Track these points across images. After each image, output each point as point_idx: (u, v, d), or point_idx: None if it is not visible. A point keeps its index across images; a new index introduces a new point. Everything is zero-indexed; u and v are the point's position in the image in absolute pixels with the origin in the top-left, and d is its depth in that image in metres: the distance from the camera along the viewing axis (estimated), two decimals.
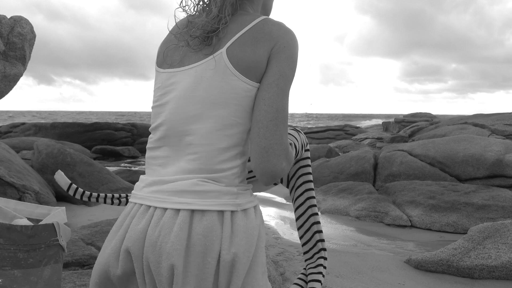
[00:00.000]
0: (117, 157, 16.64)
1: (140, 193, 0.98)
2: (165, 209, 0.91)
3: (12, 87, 5.14)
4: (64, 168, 7.11)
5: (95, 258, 3.15)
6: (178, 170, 0.94)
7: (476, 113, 13.92)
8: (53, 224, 0.94)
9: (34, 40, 5.41)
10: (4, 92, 5.06)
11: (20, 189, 5.50)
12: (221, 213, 0.90)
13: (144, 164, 15.73)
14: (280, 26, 0.96)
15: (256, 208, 0.98)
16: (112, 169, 10.27)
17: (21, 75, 5.20)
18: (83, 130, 19.24)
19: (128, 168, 12.44)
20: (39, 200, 5.61)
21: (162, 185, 0.94)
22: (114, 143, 18.86)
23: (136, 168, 12.41)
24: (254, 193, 1.05)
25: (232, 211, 0.91)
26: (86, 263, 3.10)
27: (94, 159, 13.60)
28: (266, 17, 0.98)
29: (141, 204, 0.96)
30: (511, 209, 5.44)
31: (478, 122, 11.55)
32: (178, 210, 0.90)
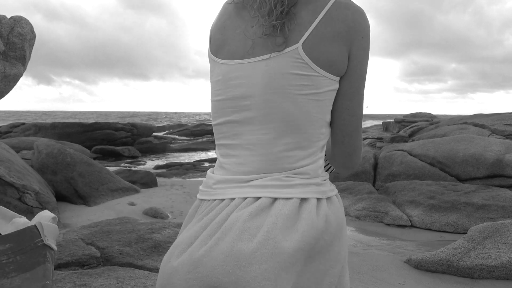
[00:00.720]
0: (117, 157, 16.64)
1: (215, 188, 0.93)
2: (245, 198, 0.87)
3: (12, 87, 5.14)
4: (64, 168, 7.11)
5: (95, 258, 3.15)
6: (258, 168, 0.89)
7: (476, 113, 13.92)
8: (35, 225, 0.93)
9: (34, 40, 5.41)
10: (4, 92, 5.06)
11: (20, 189, 5.50)
12: (304, 200, 0.86)
13: (144, 164, 15.73)
14: (354, 9, 0.87)
15: (337, 196, 0.96)
16: (112, 169, 10.28)
17: (21, 75, 5.20)
18: (83, 130, 19.24)
19: (128, 168, 12.44)
20: (39, 200, 5.61)
21: (241, 183, 0.90)
22: (114, 143, 18.87)
23: (136, 168, 12.42)
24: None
25: (318, 198, 0.88)
26: (86, 263, 3.10)
27: (94, 159, 13.60)
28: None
29: (216, 199, 0.90)
30: (511, 209, 5.44)
31: (478, 122, 11.55)
32: (258, 198, 0.86)
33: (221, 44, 0.94)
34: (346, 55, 0.86)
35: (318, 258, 0.86)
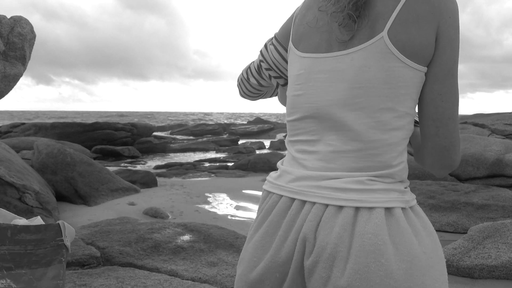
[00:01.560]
0: (117, 157, 16.64)
1: (289, 185, 0.87)
2: (326, 205, 0.81)
3: (12, 87, 5.14)
4: (64, 168, 7.11)
5: (95, 258, 3.15)
6: (340, 166, 0.84)
7: (476, 113, 13.92)
8: (58, 224, 0.95)
9: (34, 40, 5.41)
10: (4, 92, 5.06)
11: (20, 189, 5.50)
12: (388, 210, 0.80)
13: (144, 164, 15.73)
14: None
15: (417, 205, 0.87)
16: (112, 169, 10.28)
17: (21, 75, 5.21)
18: (83, 130, 19.24)
19: (128, 168, 12.44)
20: (39, 200, 5.61)
21: (320, 180, 0.84)
22: (114, 143, 18.87)
23: (136, 168, 12.42)
24: None
25: (402, 208, 0.81)
26: (86, 263, 3.10)
27: (94, 159, 13.60)
28: None
29: (293, 198, 0.86)
30: (511, 209, 5.44)
31: (478, 122, 11.55)
32: (341, 207, 0.80)
33: (302, 36, 0.91)
34: (434, 38, 0.80)
35: None
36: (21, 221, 0.96)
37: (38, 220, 0.97)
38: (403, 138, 0.84)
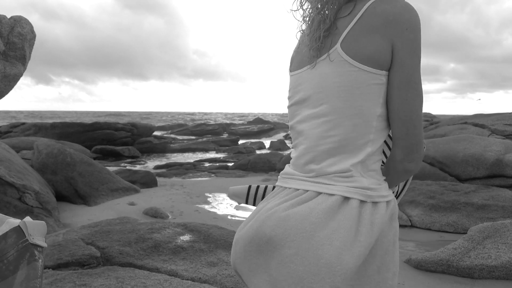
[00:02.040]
0: (117, 157, 16.64)
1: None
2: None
3: (12, 87, 5.14)
4: (64, 168, 7.11)
5: (95, 258, 3.15)
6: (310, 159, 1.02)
7: (476, 113, 13.92)
8: (19, 226, 0.91)
9: (34, 40, 5.41)
10: (4, 92, 5.06)
11: (20, 189, 5.50)
12: (346, 200, 0.92)
13: (144, 164, 15.71)
14: (393, 4, 0.91)
15: (388, 203, 0.95)
16: (112, 169, 10.28)
17: (21, 75, 5.21)
18: (83, 130, 19.24)
19: (128, 168, 12.44)
20: (39, 200, 5.61)
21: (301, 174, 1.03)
22: (114, 143, 18.87)
23: (136, 168, 12.42)
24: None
25: (361, 201, 0.92)
26: (86, 263, 3.10)
27: (94, 159, 13.60)
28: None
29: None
30: (511, 209, 5.44)
31: (478, 122, 11.55)
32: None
33: (292, 60, 1.12)
34: (388, 47, 0.91)
35: None
36: (16, 220, 0.94)
37: (10, 224, 0.93)
38: (364, 133, 0.95)
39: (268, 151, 17.11)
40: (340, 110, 0.94)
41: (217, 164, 14.12)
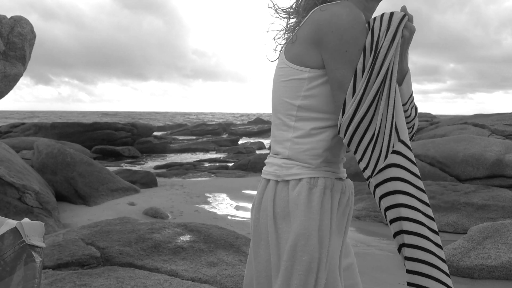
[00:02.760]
0: (117, 157, 16.64)
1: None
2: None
3: (12, 87, 5.14)
4: (64, 168, 7.11)
5: (95, 258, 3.15)
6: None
7: (476, 113, 13.92)
8: (15, 227, 0.91)
9: (34, 40, 5.41)
10: (4, 92, 5.06)
11: (20, 189, 5.50)
12: (267, 181, 1.10)
13: (144, 164, 15.72)
14: (328, 11, 1.01)
15: (301, 181, 1.04)
16: (112, 169, 10.28)
17: (21, 75, 5.21)
18: (83, 130, 19.24)
19: (128, 168, 12.44)
20: (39, 200, 5.61)
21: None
22: (114, 143, 18.86)
23: (136, 168, 12.42)
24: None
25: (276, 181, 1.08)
26: (86, 263, 3.10)
27: (94, 159, 13.59)
28: (324, 4, 1.05)
29: None
30: (511, 209, 5.44)
31: (478, 122, 11.55)
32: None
33: None
34: (314, 49, 1.02)
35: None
36: (15, 222, 0.94)
37: (9, 225, 0.93)
38: (288, 121, 1.09)
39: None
40: (274, 100, 1.13)
41: (217, 164, 14.12)
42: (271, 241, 1.04)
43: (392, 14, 0.97)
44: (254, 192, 8.16)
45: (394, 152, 0.95)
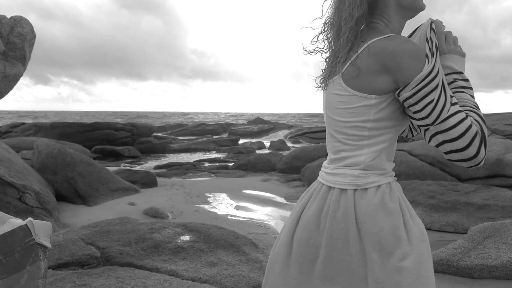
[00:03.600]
0: (117, 157, 16.64)
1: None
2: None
3: (12, 87, 5.14)
4: (64, 168, 7.11)
5: (95, 258, 3.15)
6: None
7: None
8: (26, 225, 0.92)
9: (34, 40, 5.41)
10: (4, 92, 5.06)
11: (20, 189, 5.50)
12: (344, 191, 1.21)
13: (144, 164, 15.73)
14: (392, 39, 1.14)
15: (380, 188, 1.20)
16: (112, 169, 10.28)
17: (21, 75, 5.21)
18: (83, 130, 19.24)
19: (128, 168, 12.44)
20: (39, 200, 5.61)
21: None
22: (114, 143, 18.86)
23: (136, 168, 12.41)
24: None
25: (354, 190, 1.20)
26: (86, 263, 3.10)
27: (94, 159, 13.60)
28: (372, 40, 1.15)
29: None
30: (511, 209, 5.44)
31: None
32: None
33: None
34: (383, 77, 1.14)
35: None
36: (17, 220, 0.95)
37: (12, 224, 0.93)
38: (356, 140, 1.22)
39: (268, 151, 17.11)
40: (338, 124, 1.24)
41: (217, 164, 14.12)
42: (353, 243, 1.17)
43: (431, 21, 1.21)
44: (254, 192, 8.17)
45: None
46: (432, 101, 1.08)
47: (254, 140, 26.48)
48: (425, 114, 1.09)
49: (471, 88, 1.22)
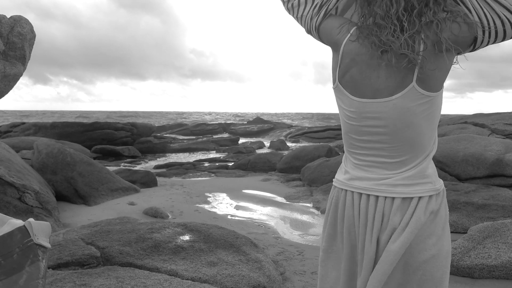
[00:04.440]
0: (117, 156, 16.64)
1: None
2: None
3: (12, 87, 5.14)
4: (64, 168, 7.11)
5: (95, 257, 3.15)
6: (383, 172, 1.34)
7: (476, 113, 13.91)
8: (24, 225, 0.92)
9: (34, 40, 5.40)
10: (4, 92, 5.06)
11: (20, 188, 5.50)
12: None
13: (144, 164, 15.69)
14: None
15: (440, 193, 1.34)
16: (112, 168, 10.28)
17: (21, 75, 5.20)
18: (83, 130, 19.23)
19: (128, 167, 12.44)
20: (39, 200, 5.61)
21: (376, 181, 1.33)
22: (114, 143, 18.86)
23: (136, 168, 12.41)
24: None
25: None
26: (86, 263, 3.10)
27: (94, 158, 13.59)
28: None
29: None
30: (511, 209, 5.44)
31: (478, 122, 11.55)
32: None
33: (351, 80, 1.23)
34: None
35: None
36: (17, 221, 0.95)
37: (11, 225, 0.93)
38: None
39: (268, 151, 17.11)
40: (412, 135, 1.26)
41: (217, 164, 14.11)
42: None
43: None
44: (254, 192, 8.17)
45: None
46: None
47: (254, 140, 26.48)
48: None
49: None
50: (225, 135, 30.46)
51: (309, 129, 28.29)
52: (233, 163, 13.82)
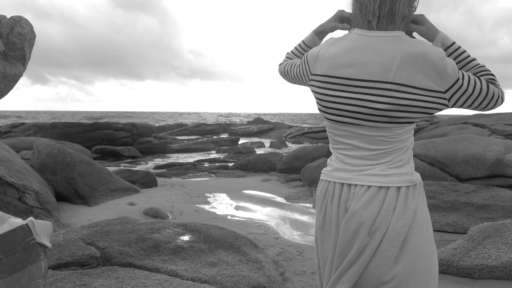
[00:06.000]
0: (117, 157, 16.64)
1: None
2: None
3: (12, 87, 5.14)
4: (64, 168, 7.11)
5: (95, 258, 3.15)
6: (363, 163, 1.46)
7: (476, 113, 13.91)
8: (27, 224, 0.91)
9: (34, 40, 5.40)
10: (4, 92, 5.06)
11: (20, 189, 5.50)
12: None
13: (144, 164, 15.70)
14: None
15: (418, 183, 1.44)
16: (112, 169, 10.27)
17: (21, 75, 5.20)
18: (83, 130, 19.23)
19: (128, 168, 12.44)
20: (39, 200, 5.61)
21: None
22: (114, 143, 18.86)
23: (136, 168, 12.41)
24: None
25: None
26: (86, 263, 3.10)
27: (94, 159, 13.60)
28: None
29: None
30: (511, 209, 5.44)
31: (478, 122, 11.55)
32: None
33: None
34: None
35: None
36: (17, 220, 0.94)
37: (11, 224, 0.93)
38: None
39: (268, 151, 17.11)
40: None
41: (217, 164, 14.11)
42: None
43: None
44: (254, 192, 8.17)
45: None
46: None
47: (254, 140, 26.48)
48: None
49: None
50: (225, 135, 30.47)
51: (309, 129, 28.29)
52: (233, 163, 13.82)
